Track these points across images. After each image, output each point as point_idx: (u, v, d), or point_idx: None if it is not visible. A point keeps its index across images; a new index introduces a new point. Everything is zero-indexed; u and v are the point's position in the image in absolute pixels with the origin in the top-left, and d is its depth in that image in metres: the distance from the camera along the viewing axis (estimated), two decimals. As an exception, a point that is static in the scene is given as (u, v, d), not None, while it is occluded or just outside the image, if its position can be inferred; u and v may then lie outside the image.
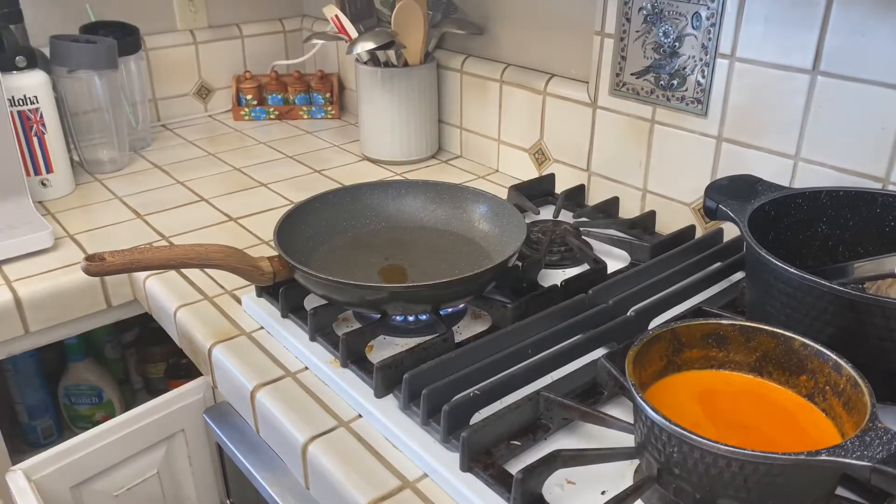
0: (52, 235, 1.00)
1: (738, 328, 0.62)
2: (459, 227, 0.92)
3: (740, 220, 0.70)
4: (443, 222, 0.93)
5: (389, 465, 0.63)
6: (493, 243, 0.88)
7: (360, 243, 0.90)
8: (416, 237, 0.92)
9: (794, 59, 0.82)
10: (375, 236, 0.91)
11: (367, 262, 0.86)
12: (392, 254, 0.88)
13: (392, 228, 0.93)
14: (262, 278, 0.77)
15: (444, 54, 1.29)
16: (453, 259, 0.87)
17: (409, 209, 0.94)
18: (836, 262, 0.77)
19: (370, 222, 0.93)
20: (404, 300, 0.73)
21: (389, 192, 0.95)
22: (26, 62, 1.08)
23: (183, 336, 0.86)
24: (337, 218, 0.91)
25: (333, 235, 0.90)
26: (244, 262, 0.75)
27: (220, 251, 0.74)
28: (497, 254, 0.86)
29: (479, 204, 0.92)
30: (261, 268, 0.76)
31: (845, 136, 0.81)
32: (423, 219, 0.94)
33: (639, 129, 1.01)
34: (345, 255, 0.87)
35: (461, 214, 0.93)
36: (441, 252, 0.89)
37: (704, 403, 0.60)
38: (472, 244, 0.90)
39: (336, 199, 0.92)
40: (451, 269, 0.85)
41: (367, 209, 0.93)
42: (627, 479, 0.59)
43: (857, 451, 0.47)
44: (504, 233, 0.88)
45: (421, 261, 0.87)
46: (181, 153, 1.35)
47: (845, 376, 0.56)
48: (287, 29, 1.61)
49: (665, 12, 0.93)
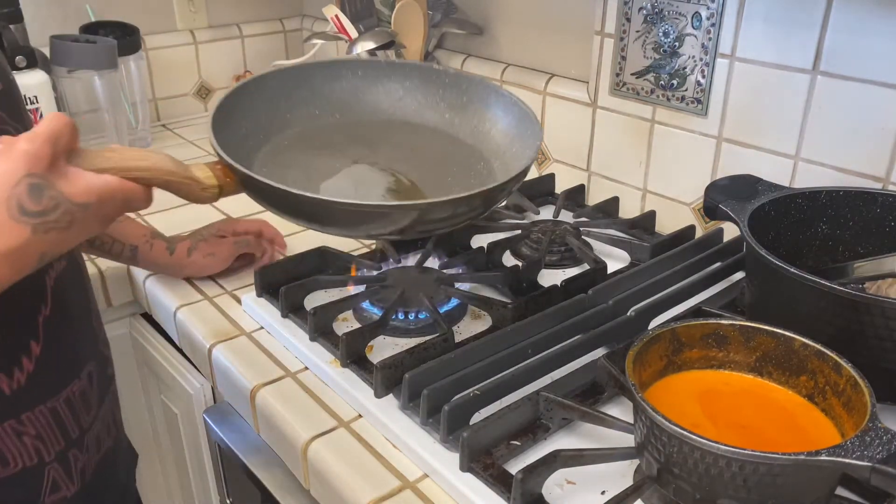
0: (52, 235, 0.99)
1: (738, 328, 0.62)
2: (434, 120, 0.74)
3: (740, 219, 0.70)
4: (414, 113, 0.74)
5: (389, 465, 0.63)
6: (484, 139, 0.72)
7: (313, 142, 0.71)
8: (382, 134, 0.73)
9: (794, 59, 0.82)
10: (330, 132, 0.72)
11: (329, 168, 0.67)
12: (360, 155, 0.69)
13: (352, 123, 0.73)
14: (205, 194, 0.58)
15: (444, 54, 1.29)
16: (440, 161, 0.70)
17: (370, 97, 0.74)
18: (836, 262, 0.77)
19: (321, 114, 0.73)
20: (425, 219, 0.58)
21: (344, 73, 0.74)
22: (26, 62, 1.08)
23: (183, 336, 0.86)
24: (278, 108, 0.71)
25: (275, 132, 0.70)
26: (176, 174, 0.56)
27: (144, 160, 0.54)
28: (495, 150, 0.70)
29: (459, 90, 0.73)
30: (199, 179, 0.57)
31: (845, 136, 0.81)
32: (387, 110, 0.74)
33: (639, 128, 1.01)
34: (296, 159, 0.69)
35: (437, 103, 0.74)
36: (420, 153, 0.71)
37: (704, 403, 0.60)
38: (455, 141, 0.72)
39: (276, 82, 0.71)
40: (441, 173, 0.68)
41: (317, 97, 0.73)
42: (627, 479, 0.59)
43: (857, 451, 0.47)
44: (495, 123, 0.71)
45: (399, 164, 0.69)
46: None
47: (845, 376, 0.56)
48: (287, 29, 1.61)
49: (665, 12, 0.93)
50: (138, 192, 0.53)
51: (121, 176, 0.52)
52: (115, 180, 0.51)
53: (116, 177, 0.52)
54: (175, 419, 0.99)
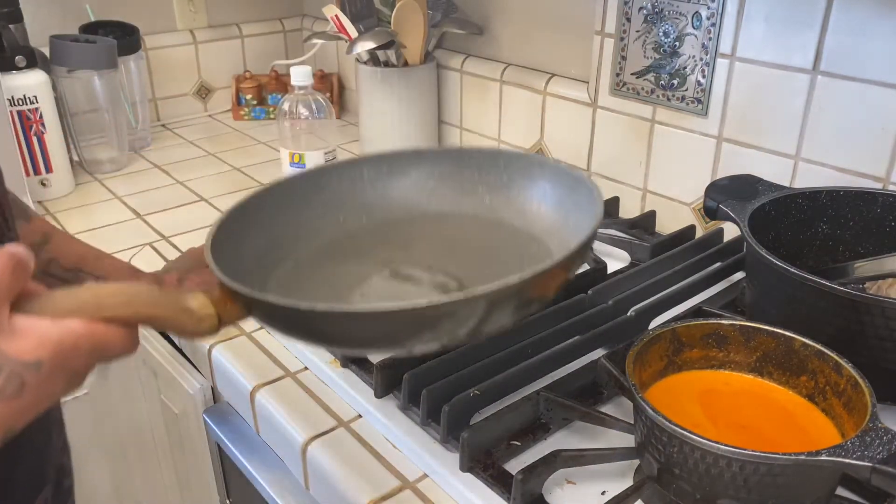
0: (52, 235, 0.99)
1: (739, 328, 0.62)
2: (474, 207, 0.65)
3: (741, 219, 0.70)
4: (450, 203, 0.65)
5: (389, 465, 0.63)
6: (534, 218, 0.62)
7: (339, 251, 0.63)
8: (417, 231, 0.65)
9: (795, 59, 0.82)
10: (358, 238, 0.64)
11: (358, 276, 0.59)
12: (393, 257, 0.61)
13: (381, 224, 0.65)
14: (201, 326, 0.47)
15: (444, 54, 1.29)
16: (486, 250, 0.62)
17: (398, 192, 0.66)
18: (837, 262, 0.77)
19: (346, 220, 0.65)
20: (486, 312, 0.46)
21: (367, 171, 0.66)
22: (26, 62, 1.08)
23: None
24: (299, 218, 0.63)
25: (293, 247, 0.62)
26: (163, 307, 0.45)
27: (120, 294, 0.44)
28: (549, 227, 0.61)
29: (498, 169, 0.64)
30: (192, 310, 0.46)
31: (845, 136, 0.81)
32: (419, 204, 0.66)
33: (639, 128, 1.01)
34: (319, 273, 0.60)
35: (475, 188, 0.65)
36: (462, 245, 0.63)
37: (705, 403, 0.60)
38: (501, 226, 0.63)
39: (293, 189, 0.63)
40: (489, 263, 0.60)
41: (339, 201, 0.65)
42: (627, 479, 0.59)
43: (857, 451, 0.47)
44: (543, 199, 0.62)
45: (439, 260, 0.61)
46: (181, 153, 1.35)
47: (845, 376, 0.56)
48: (287, 29, 1.61)
49: (665, 12, 0.93)
50: (114, 337, 0.42)
51: (91, 318, 0.42)
52: (79, 326, 0.41)
53: (82, 321, 0.41)
54: (175, 419, 0.99)
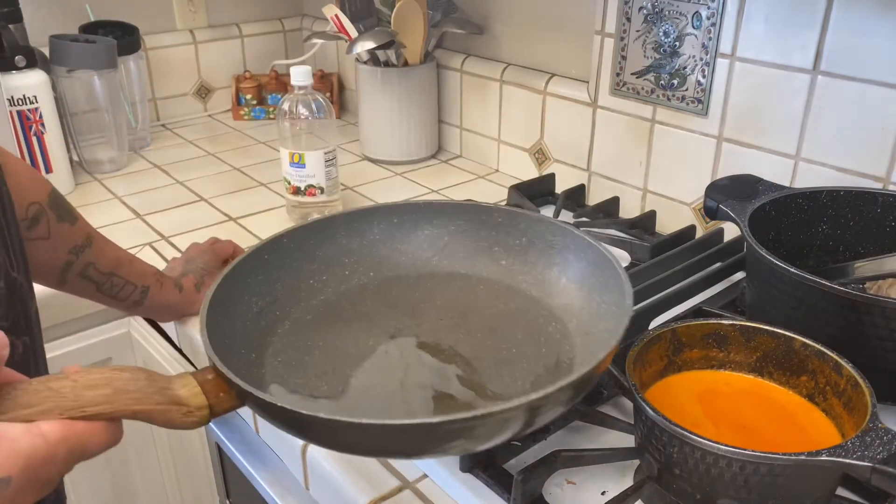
0: (52, 235, 0.99)
1: (739, 328, 0.62)
2: (488, 268, 0.61)
3: (741, 219, 0.70)
4: (463, 262, 0.62)
5: (389, 465, 0.63)
6: (553, 290, 0.59)
7: (342, 311, 0.59)
8: (425, 293, 0.60)
9: (795, 59, 0.82)
10: (362, 297, 0.60)
11: (361, 349, 0.55)
12: (399, 327, 0.57)
13: (388, 281, 0.61)
14: (189, 419, 0.43)
15: (444, 54, 1.29)
16: (500, 324, 0.57)
17: (408, 247, 0.63)
18: (837, 262, 0.77)
19: (351, 274, 0.61)
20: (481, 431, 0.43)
21: (376, 222, 0.62)
22: (26, 62, 1.08)
23: (183, 336, 0.86)
24: (298, 274, 0.59)
25: (294, 305, 0.58)
26: (149, 402, 0.41)
27: (102, 386, 0.39)
28: (569, 305, 0.57)
29: (516, 230, 0.61)
30: (182, 401, 0.43)
31: (845, 136, 0.81)
32: (430, 261, 0.62)
33: (639, 128, 1.01)
34: (321, 338, 0.56)
35: (490, 248, 0.62)
36: (474, 315, 0.58)
37: (705, 403, 0.60)
38: (516, 294, 0.59)
39: (294, 244, 0.59)
40: (503, 342, 0.55)
41: (345, 254, 0.62)
42: (627, 479, 0.59)
43: (857, 451, 0.47)
44: (564, 269, 0.58)
45: (448, 336, 0.56)
46: (181, 153, 1.35)
47: (846, 376, 0.55)
48: (287, 28, 1.61)
49: (665, 12, 0.93)
50: (94, 434, 0.38)
51: (69, 416, 0.37)
52: (55, 431, 0.37)
53: (58, 423, 0.37)
54: (175, 419, 0.99)
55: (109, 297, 0.74)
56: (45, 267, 0.66)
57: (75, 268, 0.69)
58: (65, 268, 0.68)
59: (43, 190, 0.66)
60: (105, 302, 0.75)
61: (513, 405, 0.41)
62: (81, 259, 0.69)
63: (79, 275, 0.69)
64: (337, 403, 0.51)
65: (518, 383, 0.52)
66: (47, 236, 0.65)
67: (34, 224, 0.64)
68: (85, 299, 0.73)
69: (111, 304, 0.75)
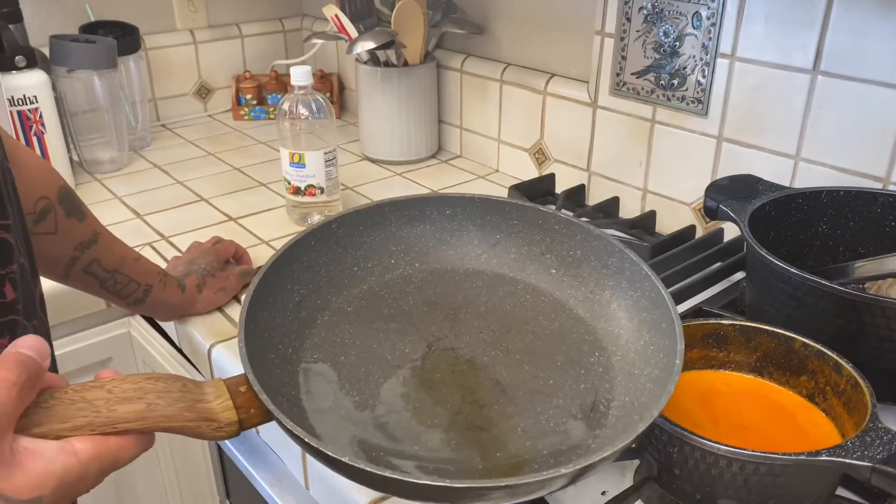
0: (52, 235, 0.99)
1: (739, 328, 0.62)
2: (537, 275, 0.59)
3: (741, 219, 0.70)
4: (511, 265, 0.60)
5: (389, 465, 0.63)
6: (601, 314, 0.56)
7: (382, 306, 0.57)
8: (468, 295, 0.58)
9: (795, 59, 0.82)
10: (405, 291, 0.59)
11: (396, 358, 0.54)
12: (437, 334, 0.55)
13: (432, 276, 0.59)
14: (219, 433, 0.43)
15: (444, 54, 1.29)
16: (541, 344, 0.55)
17: (456, 241, 0.60)
18: (837, 262, 0.77)
19: (396, 263, 0.60)
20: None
21: (428, 212, 0.60)
22: (26, 62, 1.08)
23: (183, 336, 0.86)
24: (343, 261, 0.58)
25: (336, 293, 0.57)
26: (182, 418, 0.41)
27: (136, 400, 0.40)
28: (616, 336, 0.55)
29: (572, 242, 0.58)
30: (214, 417, 0.42)
31: (845, 136, 0.81)
32: (477, 258, 0.60)
33: (639, 128, 1.01)
34: (358, 336, 0.55)
35: (542, 255, 0.59)
36: (516, 329, 0.56)
37: (705, 404, 0.60)
38: (563, 309, 0.57)
39: (345, 228, 0.58)
40: (540, 368, 0.53)
41: (393, 242, 0.60)
42: (627, 479, 0.59)
43: (857, 451, 0.47)
44: (615, 294, 0.56)
45: (486, 351, 0.54)
46: (181, 153, 1.35)
47: (846, 376, 0.56)
48: (287, 29, 1.61)
49: (665, 12, 0.93)
50: (127, 448, 0.39)
51: (101, 432, 0.38)
52: (87, 450, 0.37)
53: (91, 440, 0.38)
54: (175, 419, 0.99)
55: (112, 293, 0.74)
56: (50, 261, 0.67)
57: (80, 263, 0.69)
58: (70, 263, 0.68)
59: (53, 185, 0.66)
60: (107, 298, 0.75)
61: (557, 474, 0.41)
62: (86, 255, 0.69)
63: (83, 270, 0.70)
64: (364, 422, 0.49)
65: (550, 424, 0.50)
66: (54, 231, 0.65)
67: (41, 218, 0.64)
68: (85, 299, 0.73)
69: (113, 300, 0.75)
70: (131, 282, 0.74)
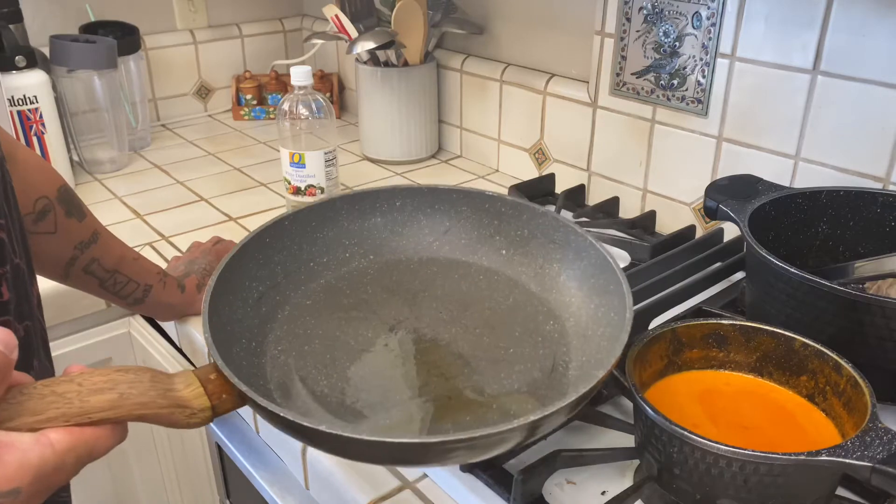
0: (52, 235, 0.99)
1: (739, 328, 0.62)
2: (489, 257, 0.62)
3: (741, 219, 0.70)
4: (464, 249, 0.62)
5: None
6: (552, 286, 0.59)
7: (341, 297, 0.59)
8: (425, 280, 0.61)
9: (795, 59, 0.82)
10: (362, 282, 0.60)
11: (361, 342, 0.56)
12: (398, 318, 0.57)
13: (387, 266, 0.61)
14: (193, 420, 0.43)
15: (444, 54, 1.29)
16: (498, 319, 0.57)
17: (409, 231, 0.63)
18: (837, 262, 0.77)
19: (351, 256, 0.61)
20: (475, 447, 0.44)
21: (378, 205, 0.62)
22: (26, 62, 1.08)
23: (183, 336, 0.86)
24: (299, 257, 0.60)
25: (295, 288, 0.59)
26: (154, 405, 0.41)
27: (108, 390, 0.40)
28: (567, 304, 0.57)
29: (519, 221, 0.62)
30: (186, 404, 0.43)
31: (845, 136, 0.81)
32: (430, 246, 0.62)
33: (639, 128, 1.01)
34: (320, 326, 0.56)
35: (491, 236, 0.62)
36: (473, 307, 0.58)
37: (705, 403, 0.60)
38: (515, 286, 0.60)
39: (297, 225, 0.60)
40: (499, 339, 0.56)
41: (346, 237, 0.62)
42: (627, 479, 0.59)
43: (857, 451, 0.47)
44: (564, 267, 0.58)
45: (446, 330, 0.57)
46: (181, 153, 1.35)
47: (845, 376, 0.56)
48: (287, 29, 1.61)
49: (665, 12, 0.93)
50: (102, 438, 0.39)
51: (76, 423, 0.38)
52: (62, 440, 0.37)
53: (66, 431, 0.38)
54: (175, 419, 0.99)
55: (112, 293, 0.74)
56: (50, 260, 0.67)
57: (79, 263, 0.69)
58: (69, 262, 0.68)
59: (53, 185, 0.66)
60: (107, 298, 0.75)
61: (512, 426, 0.42)
62: (86, 255, 0.69)
63: (82, 270, 0.70)
64: (336, 404, 0.51)
65: (515, 385, 0.53)
66: (54, 231, 0.65)
67: (41, 218, 0.64)
68: (85, 299, 0.73)
69: (113, 300, 0.75)
70: (131, 281, 0.74)
